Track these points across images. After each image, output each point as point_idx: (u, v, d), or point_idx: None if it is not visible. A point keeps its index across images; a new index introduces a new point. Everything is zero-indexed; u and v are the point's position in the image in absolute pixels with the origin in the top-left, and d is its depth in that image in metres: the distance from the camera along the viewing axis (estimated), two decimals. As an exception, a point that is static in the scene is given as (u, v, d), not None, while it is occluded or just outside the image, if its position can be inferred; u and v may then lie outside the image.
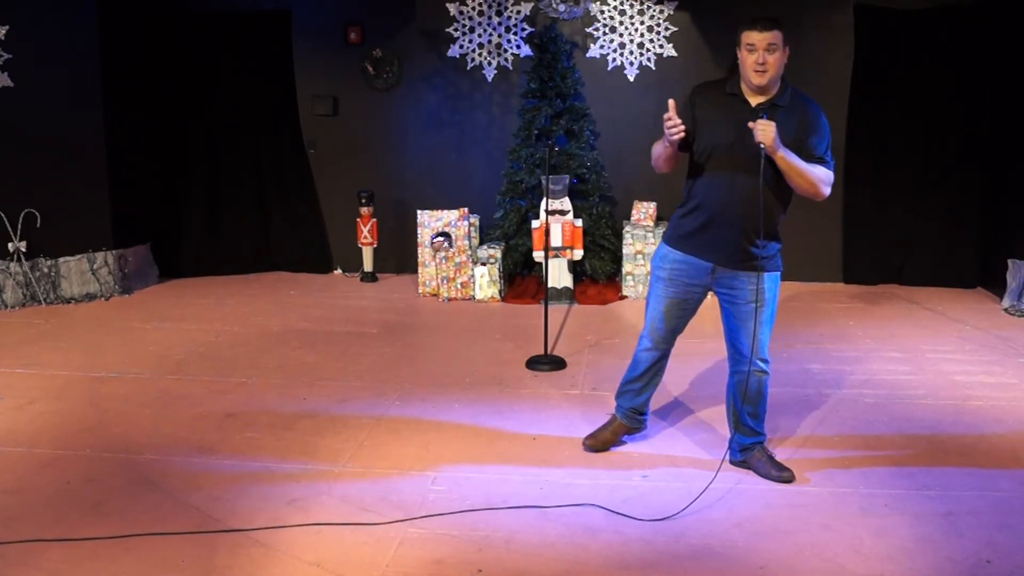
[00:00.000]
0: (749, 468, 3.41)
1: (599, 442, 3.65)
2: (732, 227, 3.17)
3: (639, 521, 3.00)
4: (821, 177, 3.13)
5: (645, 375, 3.53)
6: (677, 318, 3.39)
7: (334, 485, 3.32)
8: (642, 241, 6.69)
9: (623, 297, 6.74)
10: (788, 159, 3.05)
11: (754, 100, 3.17)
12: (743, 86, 3.19)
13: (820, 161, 3.14)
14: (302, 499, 3.20)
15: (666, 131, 3.11)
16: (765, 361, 3.31)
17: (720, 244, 3.22)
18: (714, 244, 3.23)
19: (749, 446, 3.42)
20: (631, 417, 3.63)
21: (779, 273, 3.30)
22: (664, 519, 3.01)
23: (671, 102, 3.11)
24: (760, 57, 3.07)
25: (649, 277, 3.59)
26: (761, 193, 3.08)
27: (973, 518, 3.00)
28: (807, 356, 5.07)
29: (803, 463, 3.50)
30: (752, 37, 3.09)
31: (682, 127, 3.08)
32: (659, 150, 3.26)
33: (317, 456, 3.61)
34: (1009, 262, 6.23)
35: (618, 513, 3.06)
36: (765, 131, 3.00)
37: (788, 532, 2.93)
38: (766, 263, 3.22)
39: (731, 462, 3.46)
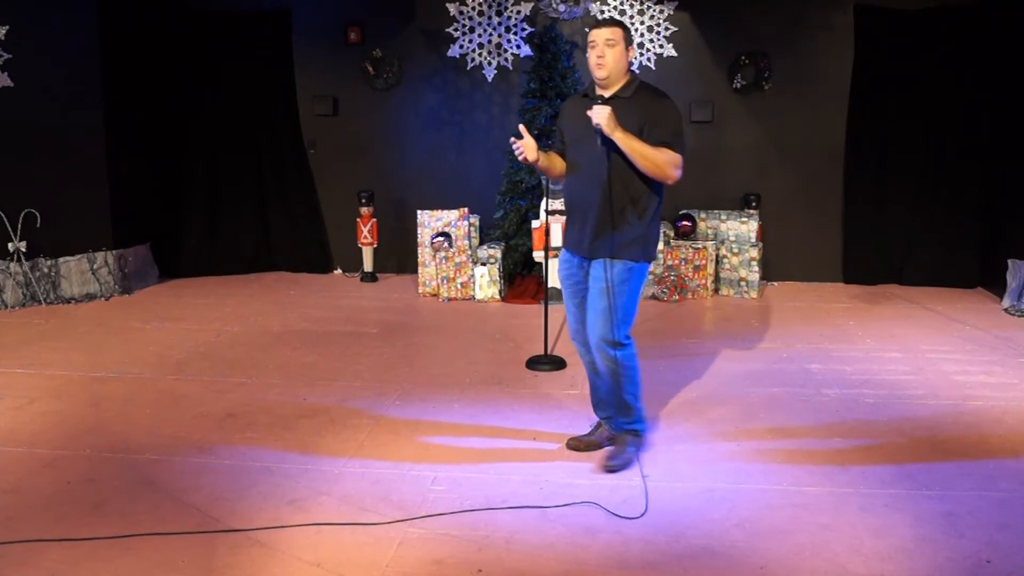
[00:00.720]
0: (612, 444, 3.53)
1: (583, 444, 3.65)
2: (586, 218, 3.33)
3: (639, 521, 3.00)
4: (667, 159, 3.19)
5: (593, 380, 3.59)
6: (577, 312, 3.50)
7: (334, 485, 3.32)
8: (642, 241, 6.69)
9: (623, 297, 6.73)
10: (628, 140, 3.15)
11: (603, 94, 3.32)
12: (595, 87, 3.37)
13: (665, 146, 3.20)
14: (302, 499, 3.20)
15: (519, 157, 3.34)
16: (613, 345, 3.32)
17: (579, 235, 3.37)
18: (577, 237, 3.39)
19: (617, 427, 3.53)
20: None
21: (635, 264, 3.31)
22: (635, 518, 3.01)
23: (522, 127, 3.39)
24: (599, 51, 3.26)
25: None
26: (608, 181, 3.22)
27: (973, 518, 3.00)
28: (807, 356, 5.07)
29: (803, 463, 3.50)
30: (592, 35, 3.30)
31: (524, 153, 3.30)
32: (541, 166, 3.44)
33: (317, 456, 3.61)
34: (1009, 262, 6.23)
35: (614, 514, 3.06)
36: (600, 112, 3.14)
37: (788, 532, 2.93)
38: (618, 251, 3.28)
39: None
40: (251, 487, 3.30)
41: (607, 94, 3.30)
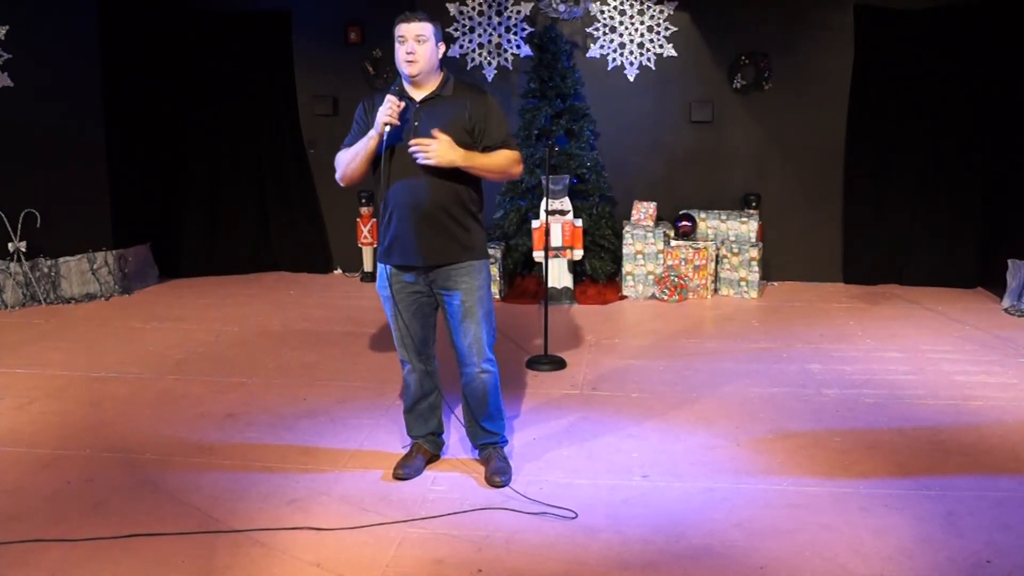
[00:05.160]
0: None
1: (412, 471, 3.41)
2: (422, 224, 3.15)
3: (639, 521, 3.01)
4: (510, 160, 3.21)
5: (422, 396, 3.44)
6: (420, 328, 3.33)
7: (334, 485, 3.33)
8: (642, 241, 6.69)
9: (623, 297, 6.74)
10: (470, 160, 3.09)
11: (417, 94, 3.18)
12: (405, 84, 3.20)
13: (504, 146, 3.18)
14: (302, 499, 3.20)
15: (385, 116, 3.05)
16: (489, 360, 3.30)
17: (415, 244, 3.17)
18: (411, 245, 3.18)
19: (483, 445, 3.45)
20: (432, 441, 3.53)
21: (483, 262, 3.29)
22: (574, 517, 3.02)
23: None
24: (409, 47, 3.10)
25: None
26: (441, 185, 3.13)
27: (973, 518, 3.00)
28: (807, 356, 5.06)
29: (803, 463, 3.50)
30: (402, 29, 3.12)
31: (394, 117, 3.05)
32: (357, 150, 3.20)
33: (317, 456, 3.61)
34: (1009, 262, 6.23)
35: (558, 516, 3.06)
36: (435, 152, 3.00)
37: (788, 532, 2.93)
38: (475, 252, 3.24)
39: (477, 459, 3.50)
40: (251, 487, 3.30)
41: (423, 93, 3.16)
